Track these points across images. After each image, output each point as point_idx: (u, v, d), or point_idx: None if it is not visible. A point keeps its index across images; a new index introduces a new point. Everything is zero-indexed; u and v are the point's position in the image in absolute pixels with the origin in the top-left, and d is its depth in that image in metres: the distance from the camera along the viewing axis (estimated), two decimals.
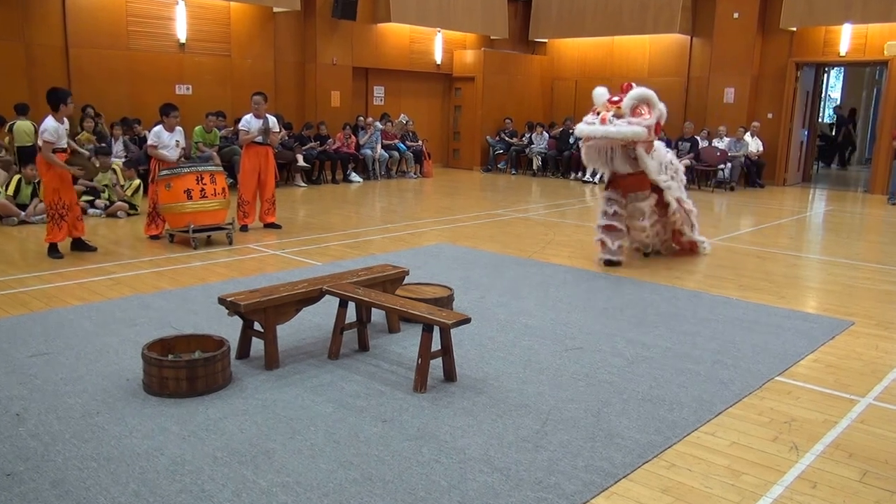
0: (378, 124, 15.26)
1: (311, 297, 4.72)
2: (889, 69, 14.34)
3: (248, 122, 8.98)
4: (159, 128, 8.30)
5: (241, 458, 3.35)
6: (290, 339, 4.97)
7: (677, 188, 7.72)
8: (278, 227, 9.27)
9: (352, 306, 4.79)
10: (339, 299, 4.71)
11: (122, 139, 11.43)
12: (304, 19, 14.71)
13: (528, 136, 17.29)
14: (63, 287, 6.30)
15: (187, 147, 10.03)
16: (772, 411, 4.06)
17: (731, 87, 15.62)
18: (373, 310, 5.08)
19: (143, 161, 10.22)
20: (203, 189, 8.06)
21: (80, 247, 7.63)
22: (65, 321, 5.28)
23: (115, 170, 10.28)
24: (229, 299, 4.41)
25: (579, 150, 7.66)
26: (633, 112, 6.88)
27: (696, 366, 4.69)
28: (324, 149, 14.24)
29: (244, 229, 9.01)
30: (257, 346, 4.64)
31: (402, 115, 16.10)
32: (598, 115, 7.04)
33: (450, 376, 4.33)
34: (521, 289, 6.52)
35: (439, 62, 17.40)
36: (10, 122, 10.32)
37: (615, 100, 7.01)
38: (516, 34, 18.58)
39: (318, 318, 5.36)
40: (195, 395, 4.00)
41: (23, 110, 10.40)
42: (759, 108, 15.70)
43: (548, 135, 17.10)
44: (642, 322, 5.61)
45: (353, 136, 14.82)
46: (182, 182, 7.96)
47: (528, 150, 17.06)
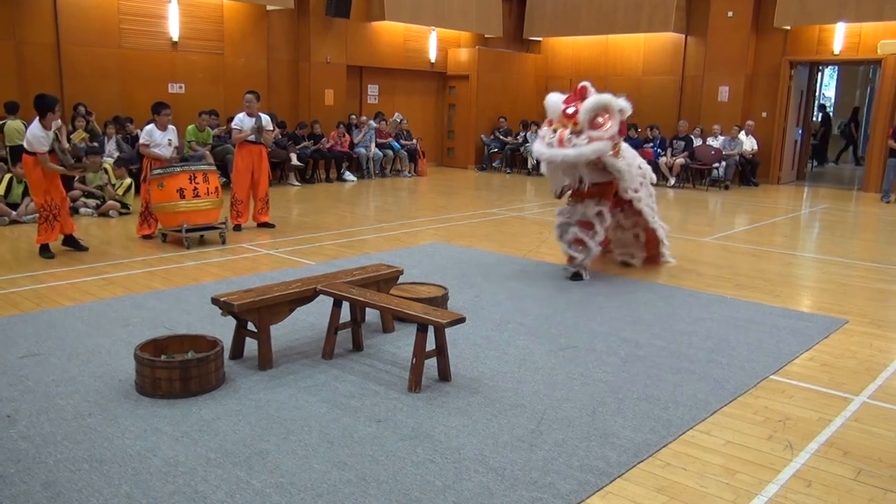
0: (372, 123, 15.23)
1: (305, 297, 4.70)
2: (882, 68, 14.38)
3: (240, 121, 8.95)
4: (151, 126, 8.26)
5: (234, 459, 3.33)
6: (284, 339, 4.95)
7: (647, 196, 7.10)
8: (272, 226, 9.24)
9: (346, 306, 4.77)
10: (333, 299, 4.69)
11: (115, 138, 11.38)
12: (297, 17, 14.66)
13: (522, 134, 17.28)
14: (55, 287, 6.26)
15: (180, 146, 9.98)
16: (766, 410, 4.06)
17: (726, 85, 15.64)
18: (367, 309, 5.07)
19: (135, 160, 10.17)
20: (196, 188, 8.02)
21: (72, 244, 7.59)
22: (56, 322, 5.24)
23: (107, 169, 10.23)
24: (223, 299, 4.39)
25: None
26: (592, 124, 6.20)
27: (691, 365, 4.69)
28: (318, 147, 14.20)
29: (237, 229, 8.98)
30: (251, 346, 4.62)
31: (397, 114, 16.08)
32: (555, 132, 6.37)
33: (444, 376, 4.32)
34: (515, 288, 6.51)
35: (433, 60, 17.37)
36: (1, 122, 10.26)
37: (570, 112, 6.29)
38: (511, 32, 18.57)
39: (312, 317, 5.34)
40: (188, 396, 3.98)
41: (13, 109, 10.34)
42: (753, 106, 15.73)
43: None
44: (637, 321, 5.60)
45: (346, 135, 14.78)
46: (175, 181, 7.92)
47: (522, 149, 17.04)
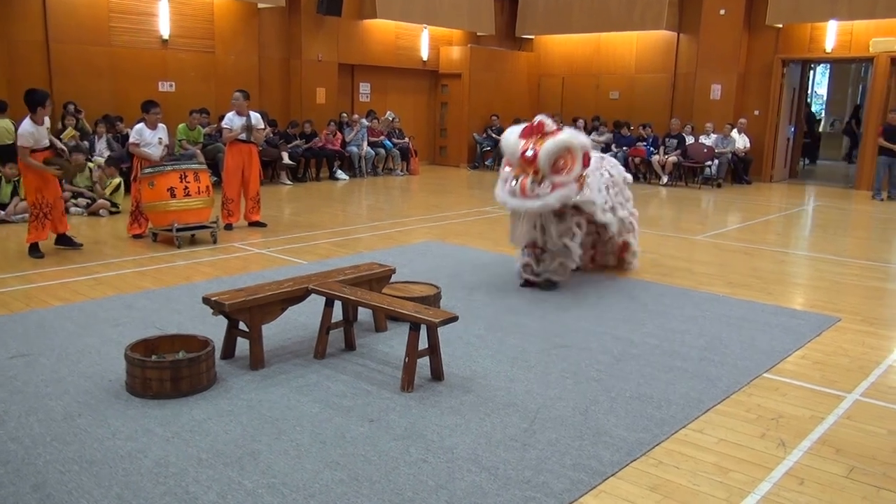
0: (364, 121, 15.19)
1: (297, 296, 4.68)
2: (874, 66, 14.43)
3: (230, 120, 8.90)
4: (141, 125, 8.21)
5: (226, 460, 3.31)
6: (276, 338, 4.92)
7: (621, 209, 6.85)
8: (263, 225, 9.20)
9: (338, 305, 4.75)
10: (325, 298, 4.67)
11: (106, 137, 11.31)
12: (288, 15, 14.61)
13: None
14: (44, 287, 6.22)
15: (171, 145, 9.93)
16: (759, 408, 4.06)
17: (718, 83, 15.67)
18: (359, 309, 5.04)
19: (125, 159, 10.11)
20: (187, 187, 7.97)
21: (66, 242, 7.55)
22: (46, 322, 5.20)
23: (91, 168, 10.15)
24: (214, 299, 4.37)
25: None
26: (554, 168, 5.84)
27: (684, 363, 4.69)
28: (309, 146, 14.16)
29: (229, 228, 8.94)
30: (242, 346, 4.59)
31: (389, 112, 16.04)
32: (517, 179, 5.97)
33: (437, 375, 4.31)
34: (508, 287, 6.50)
35: (425, 59, 17.34)
36: None
37: (528, 155, 5.88)
38: (503, 30, 18.54)
39: (304, 317, 5.31)
40: (179, 396, 3.95)
41: (1, 108, 10.25)
42: (745, 104, 15.77)
43: None
44: (630, 319, 5.60)
45: (338, 133, 14.73)
46: (165, 180, 7.87)
47: None
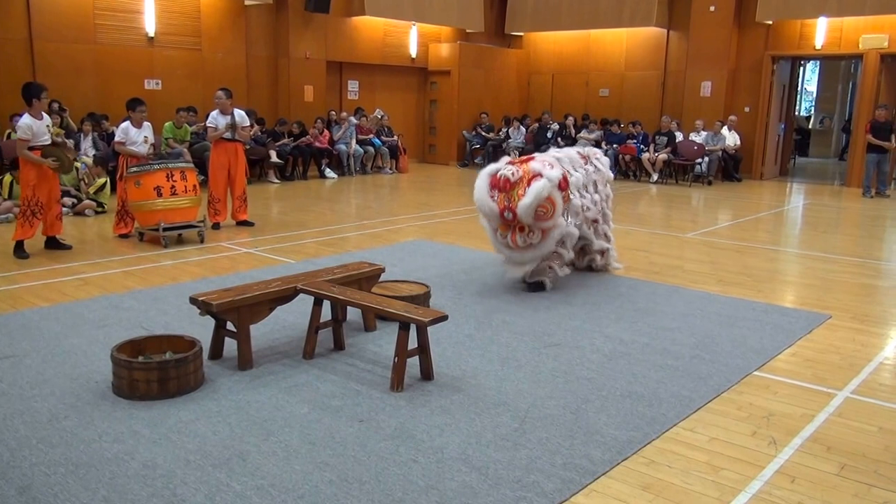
0: (353, 119, 15.13)
1: (286, 296, 4.64)
2: (864, 63, 14.49)
3: (214, 119, 8.83)
4: (126, 124, 8.12)
5: (214, 461, 3.28)
6: (264, 338, 4.88)
7: (601, 201, 6.83)
8: (251, 224, 9.14)
9: (327, 305, 4.71)
10: (313, 298, 4.63)
11: (92, 135, 11.20)
12: (276, 12, 14.52)
13: (504, 130, 17.26)
14: (29, 287, 6.15)
15: (157, 143, 9.86)
16: (750, 406, 4.05)
17: (708, 80, 15.70)
18: (348, 308, 5.01)
19: (111, 158, 10.03)
20: (173, 186, 7.90)
21: (55, 245, 7.46)
22: (31, 323, 5.14)
23: (78, 167, 10.05)
24: (201, 299, 4.33)
25: (557, 144, 7.21)
26: (537, 217, 5.82)
27: (675, 361, 4.68)
28: (297, 144, 14.08)
29: (216, 227, 8.87)
30: (230, 346, 4.55)
31: (378, 110, 15.99)
32: (506, 236, 6.01)
33: (427, 375, 4.28)
34: (498, 285, 6.48)
35: (414, 56, 17.29)
36: None
37: (508, 218, 5.88)
38: (492, 27, 18.51)
39: (293, 317, 5.27)
40: (167, 398, 3.91)
41: None
42: (735, 101, 15.80)
43: (524, 129, 17.08)
44: (620, 318, 5.59)
45: (326, 131, 14.66)
46: (152, 179, 7.80)
47: (504, 145, 17.01)
